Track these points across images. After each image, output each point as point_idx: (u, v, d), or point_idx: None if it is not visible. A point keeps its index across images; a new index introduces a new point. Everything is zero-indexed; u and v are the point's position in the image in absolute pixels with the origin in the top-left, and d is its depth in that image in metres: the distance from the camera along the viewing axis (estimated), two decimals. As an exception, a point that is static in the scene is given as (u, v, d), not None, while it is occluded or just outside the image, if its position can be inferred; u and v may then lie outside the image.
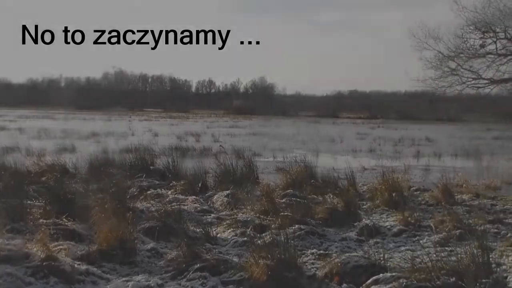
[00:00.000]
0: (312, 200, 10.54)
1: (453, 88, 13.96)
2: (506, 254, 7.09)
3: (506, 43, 13.18)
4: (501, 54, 13.28)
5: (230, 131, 39.37)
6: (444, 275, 5.54)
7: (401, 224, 8.81)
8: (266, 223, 8.64)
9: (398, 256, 7.11)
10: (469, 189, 12.82)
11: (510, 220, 9.47)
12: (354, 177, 12.65)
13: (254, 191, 11.32)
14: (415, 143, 30.73)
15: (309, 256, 7.05)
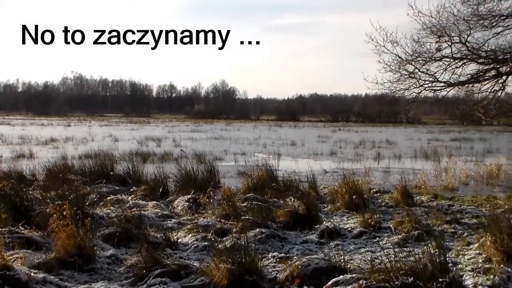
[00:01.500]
0: (273, 203, 10.57)
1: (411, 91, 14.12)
2: (462, 253, 7.22)
3: (460, 47, 13.41)
4: (456, 57, 13.50)
5: (192, 135, 39.23)
6: (403, 275, 5.61)
7: (361, 226, 8.90)
8: (227, 227, 8.64)
9: (358, 257, 7.18)
10: (427, 190, 13.04)
11: (466, 220, 9.65)
12: (315, 180, 12.72)
13: (216, 195, 11.29)
14: (376, 146, 31.09)
15: (270, 259, 7.06)
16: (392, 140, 35.85)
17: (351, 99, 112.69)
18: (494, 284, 5.84)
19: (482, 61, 13.49)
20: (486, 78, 13.62)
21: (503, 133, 47.11)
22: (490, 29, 13.43)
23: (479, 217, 9.60)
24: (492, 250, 6.73)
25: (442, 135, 43.40)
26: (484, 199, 11.96)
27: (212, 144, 30.65)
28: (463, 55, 13.50)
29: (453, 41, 13.29)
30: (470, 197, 12.41)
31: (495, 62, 13.25)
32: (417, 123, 75.96)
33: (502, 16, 13.28)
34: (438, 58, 13.63)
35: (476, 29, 13.36)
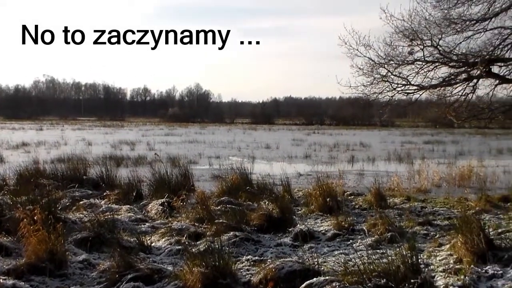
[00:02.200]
0: (248, 206, 10.57)
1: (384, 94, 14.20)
2: (434, 255, 7.31)
3: (432, 51, 13.53)
4: (428, 61, 13.61)
5: (166, 139, 39.03)
6: (376, 277, 5.66)
7: (335, 229, 8.94)
8: (201, 231, 8.62)
9: (332, 260, 7.22)
10: (400, 193, 13.17)
11: (438, 221, 9.77)
12: (289, 183, 12.75)
13: (190, 199, 11.27)
14: (350, 149, 31.25)
15: (244, 263, 7.06)
16: (366, 143, 36.07)
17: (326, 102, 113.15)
18: (465, 284, 5.93)
19: (454, 65, 13.63)
20: (457, 81, 13.76)
21: (475, 135, 47.69)
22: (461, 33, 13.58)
23: (451, 218, 9.74)
24: (463, 251, 6.82)
25: (415, 138, 43.77)
26: (456, 201, 12.11)
27: (186, 147, 30.55)
28: (435, 59, 13.63)
29: (425, 44, 13.41)
30: (443, 199, 12.57)
31: (466, 66, 13.40)
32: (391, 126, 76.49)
33: (472, 21, 13.45)
34: (411, 62, 13.73)
35: (447, 33, 13.50)
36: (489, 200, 11.71)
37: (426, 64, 13.66)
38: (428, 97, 15.71)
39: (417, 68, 13.71)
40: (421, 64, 13.68)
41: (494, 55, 13.30)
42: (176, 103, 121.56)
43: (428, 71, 13.73)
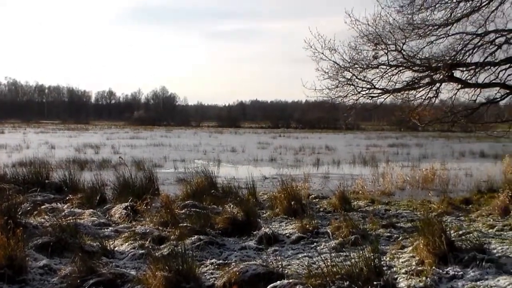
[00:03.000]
0: (212, 210, 10.54)
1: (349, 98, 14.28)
2: (397, 257, 7.37)
3: (396, 55, 13.66)
4: (392, 65, 13.74)
5: (131, 142, 38.74)
6: (339, 279, 5.69)
7: (300, 232, 8.96)
8: (166, 235, 8.55)
9: (296, 263, 7.23)
10: (365, 196, 13.30)
11: (402, 224, 9.88)
12: (254, 186, 12.75)
13: (154, 202, 11.17)
14: (315, 152, 31.43)
15: (208, 266, 7.02)
16: (332, 146, 36.30)
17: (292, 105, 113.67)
18: (426, 285, 6.01)
19: (417, 69, 13.78)
20: (420, 85, 13.92)
21: (438, 138, 48.43)
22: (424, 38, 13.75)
23: (414, 221, 9.84)
24: (425, 252, 6.91)
25: (380, 141, 44.25)
26: (419, 203, 12.27)
27: (151, 151, 30.37)
28: (399, 63, 13.76)
29: (389, 49, 13.53)
30: (406, 201, 12.72)
31: (429, 70, 13.56)
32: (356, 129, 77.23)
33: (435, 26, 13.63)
34: (375, 66, 13.84)
35: (411, 37, 13.65)
36: (451, 202, 11.90)
37: (390, 68, 13.78)
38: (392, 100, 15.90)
39: (381, 72, 13.83)
40: (385, 68, 13.80)
41: (456, 60, 13.49)
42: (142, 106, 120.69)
43: (392, 75, 13.86)
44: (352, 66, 13.92)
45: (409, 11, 13.67)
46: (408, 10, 13.67)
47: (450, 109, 14.50)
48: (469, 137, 46.72)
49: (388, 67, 13.77)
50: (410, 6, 13.67)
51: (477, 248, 7.08)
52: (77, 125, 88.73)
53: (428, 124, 15.70)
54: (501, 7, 13.27)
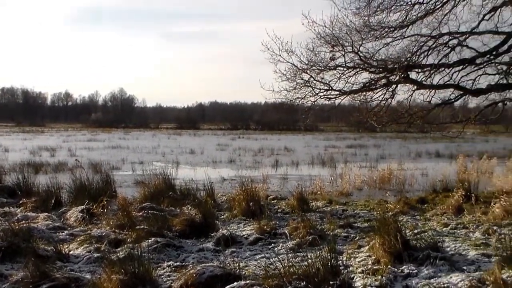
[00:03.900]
0: (170, 212, 10.46)
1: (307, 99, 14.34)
2: (353, 256, 7.44)
3: (353, 57, 13.78)
4: (349, 66, 13.85)
5: (88, 144, 38.20)
6: (296, 280, 5.70)
7: (258, 233, 8.96)
8: (122, 238, 8.45)
9: (254, 264, 7.22)
10: (323, 196, 13.38)
11: (359, 224, 9.97)
12: (213, 188, 12.72)
13: (111, 205, 11.04)
14: (274, 153, 31.50)
15: (166, 269, 6.97)
16: (290, 147, 36.45)
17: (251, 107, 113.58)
18: (382, 284, 6.08)
19: (374, 70, 13.92)
20: (377, 86, 14.08)
21: (395, 139, 49.06)
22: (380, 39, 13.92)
23: (371, 220, 9.95)
24: (381, 252, 6.99)
25: (338, 142, 44.62)
26: (376, 203, 12.41)
27: (109, 153, 30.02)
28: (356, 64, 13.88)
29: (346, 50, 13.64)
30: (363, 201, 12.85)
31: (386, 72, 13.73)
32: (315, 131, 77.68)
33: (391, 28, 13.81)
34: (332, 67, 13.93)
35: (367, 39, 13.80)
36: (407, 202, 12.08)
37: (347, 70, 13.90)
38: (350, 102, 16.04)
39: (338, 74, 13.93)
40: (343, 70, 13.91)
41: (412, 62, 13.70)
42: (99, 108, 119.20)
43: (350, 76, 13.98)
44: (310, 68, 13.99)
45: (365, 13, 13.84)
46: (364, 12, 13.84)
47: (407, 110, 14.70)
48: (425, 138, 47.48)
49: (345, 69, 13.88)
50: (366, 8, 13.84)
51: (431, 246, 7.20)
52: (33, 127, 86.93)
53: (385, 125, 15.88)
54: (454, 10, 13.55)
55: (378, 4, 13.79)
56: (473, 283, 5.92)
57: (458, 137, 18.19)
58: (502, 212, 9.97)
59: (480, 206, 10.89)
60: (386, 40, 13.95)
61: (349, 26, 13.65)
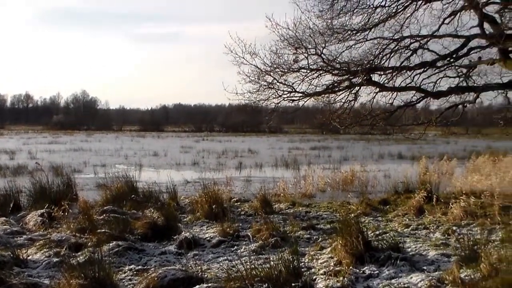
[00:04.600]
0: (132, 215, 10.34)
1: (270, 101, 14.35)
2: (316, 258, 7.47)
3: (316, 59, 13.83)
4: (313, 69, 13.89)
5: (49, 147, 37.60)
6: (258, 282, 5.70)
7: (221, 235, 8.94)
8: (83, 241, 8.33)
9: (216, 266, 7.18)
10: (286, 198, 13.41)
11: (321, 225, 10.02)
12: (176, 191, 12.65)
13: (72, 208, 10.86)
14: (238, 155, 31.49)
15: (127, 272, 6.89)
16: (254, 149, 36.49)
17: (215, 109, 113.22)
18: (343, 285, 6.11)
19: (337, 73, 13.99)
20: (340, 88, 14.15)
21: (359, 141, 49.49)
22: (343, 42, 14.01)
23: (333, 222, 9.97)
24: (343, 253, 7.03)
25: (302, 144, 44.80)
26: (339, 205, 12.48)
27: (71, 156, 29.63)
28: (319, 67, 13.93)
29: (310, 53, 13.68)
30: (326, 203, 12.91)
31: (348, 74, 13.81)
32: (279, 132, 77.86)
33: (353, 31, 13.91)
34: (296, 69, 13.96)
35: (331, 42, 13.87)
36: (370, 203, 12.19)
37: (310, 72, 13.94)
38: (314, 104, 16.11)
39: (302, 76, 13.97)
40: (306, 72, 13.94)
41: (374, 64, 13.82)
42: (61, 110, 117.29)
43: (313, 78, 14.02)
44: (273, 70, 13.99)
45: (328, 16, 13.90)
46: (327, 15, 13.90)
47: (369, 112, 14.83)
48: (388, 140, 48.01)
49: (309, 71, 13.92)
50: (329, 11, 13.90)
51: (392, 247, 7.28)
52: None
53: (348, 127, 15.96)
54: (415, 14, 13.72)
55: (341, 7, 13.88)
56: (433, 283, 6.00)
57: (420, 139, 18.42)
58: (461, 212, 10.15)
59: (440, 207, 11.04)
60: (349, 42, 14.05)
61: (312, 29, 13.70)
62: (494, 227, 9.47)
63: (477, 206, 10.76)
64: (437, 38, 13.79)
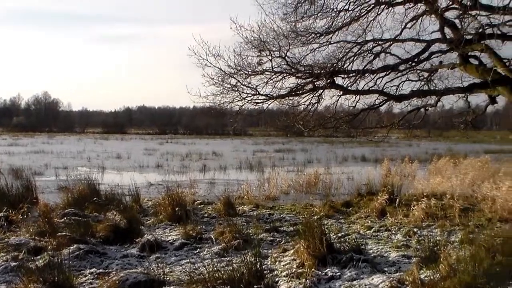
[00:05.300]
0: (94, 218, 10.22)
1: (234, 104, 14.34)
2: (278, 260, 7.47)
3: (280, 62, 13.86)
4: (276, 71, 13.91)
5: (9, 149, 36.88)
6: (220, 284, 5.68)
7: (184, 238, 8.89)
8: (43, 245, 8.19)
9: (179, 269, 7.14)
10: (250, 200, 13.40)
11: (285, 227, 10.03)
12: (138, 193, 12.54)
13: (32, 212, 10.67)
14: (202, 158, 31.41)
15: (88, 276, 6.80)
16: (219, 152, 36.42)
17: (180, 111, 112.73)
18: (306, 287, 6.13)
19: (301, 76, 14.04)
20: (304, 91, 14.21)
21: (323, 144, 49.86)
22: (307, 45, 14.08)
23: (296, 224, 10.01)
24: (305, 255, 7.05)
25: (267, 147, 44.92)
26: (302, 207, 12.53)
27: (32, 158, 29.11)
28: (283, 69, 13.96)
29: (274, 55, 13.69)
30: (290, 205, 12.95)
31: (312, 77, 13.87)
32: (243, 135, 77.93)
33: (317, 34, 14.00)
34: (260, 72, 13.96)
35: (294, 44, 13.92)
36: (333, 205, 12.27)
37: (274, 75, 13.96)
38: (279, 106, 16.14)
39: (266, 78, 13.97)
40: (270, 75, 13.95)
41: (338, 67, 13.92)
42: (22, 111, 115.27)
43: (277, 81, 14.04)
44: (237, 72, 13.97)
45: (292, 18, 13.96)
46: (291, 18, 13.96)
47: (333, 115, 14.94)
48: (352, 142, 48.35)
49: (273, 74, 13.93)
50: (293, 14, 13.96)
51: (354, 249, 7.34)
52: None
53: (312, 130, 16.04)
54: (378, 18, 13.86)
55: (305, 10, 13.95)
56: (393, 284, 6.06)
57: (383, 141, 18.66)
58: (423, 214, 10.29)
59: (402, 209, 11.16)
60: (313, 45, 14.12)
61: (277, 31, 13.73)
62: (453, 228, 9.65)
63: (438, 208, 10.94)
64: (399, 42, 13.97)
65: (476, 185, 12.91)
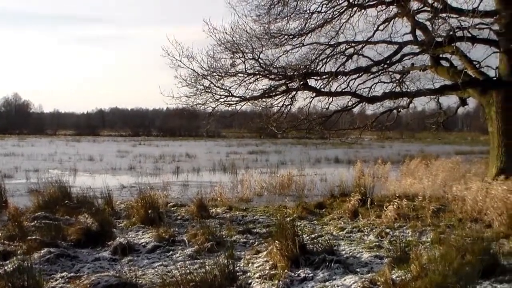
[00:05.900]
0: (66, 221, 10.12)
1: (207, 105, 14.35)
2: (251, 262, 7.47)
3: (254, 64, 13.91)
4: (250, 73, 13.96)
5: (-23, 152, 36.34)
6: (193, 287, 5.65)
7: (156, 240, 8.83)
8: (12, 249, 8.04)
9: (151, 272, 7.08)
10: (223, 202, 13.38)
11: (258, 229, 10.02)
12: (111, 196, 12.42)
13: (1, 216, 10.55)
14: (175, 160, 31.29)
15: (59, 280, 6.70)
16: (192, 153, 36.31)
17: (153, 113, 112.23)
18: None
19: (274, 77, 14.11)
20: (277, 93, 14.26)
21: (296, 145, 49.97)
22: (280, 47, 14.16)
23: (270, 226, 9.99)
24: (278, 256, 7.05)
25: (240, 148, 44.94)
26: (276, 209, 12.53)
27: (1, 161, 28.71)
28: (256, 71, 14.01)
29: (247, 57, 13.74)
30: (263, 207, 12.94)
31: (285, 79, 13.94)
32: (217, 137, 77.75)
33: (290, 35, 14.08)
34: (233, 74, 13.99)
35: (267, 46, 14.00)
36: (306, 207, 12.28)
37: (248, 76, 14.00)
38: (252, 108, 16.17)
39: (239, 80, 14.01)
40: (243, 76, 13.99)
41: (310, 69, 14.00)
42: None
43: (250, 83, 14.09)
44: (210, 74, 13.99)
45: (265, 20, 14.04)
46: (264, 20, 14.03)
47: (306, 116, 15.01)
48: (325, 144, 48.67)
49: (246, 75, 13.97)
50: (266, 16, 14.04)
51: (327, 250, 7.37)
52: None
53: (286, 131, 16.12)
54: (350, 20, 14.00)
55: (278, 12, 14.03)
56: (365, 284, 6.10)
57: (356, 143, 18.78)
58: (395, 215, 10.36)
59: (374, 210, 11.24)
60: (286, 47, 14.21)
61: (250, 33, 13.79)
62: (425, 229, 9.75)
63: (409, 208, 11.04)
64: (371, 44, 14.11)
65: (447, 186, 13.04)
